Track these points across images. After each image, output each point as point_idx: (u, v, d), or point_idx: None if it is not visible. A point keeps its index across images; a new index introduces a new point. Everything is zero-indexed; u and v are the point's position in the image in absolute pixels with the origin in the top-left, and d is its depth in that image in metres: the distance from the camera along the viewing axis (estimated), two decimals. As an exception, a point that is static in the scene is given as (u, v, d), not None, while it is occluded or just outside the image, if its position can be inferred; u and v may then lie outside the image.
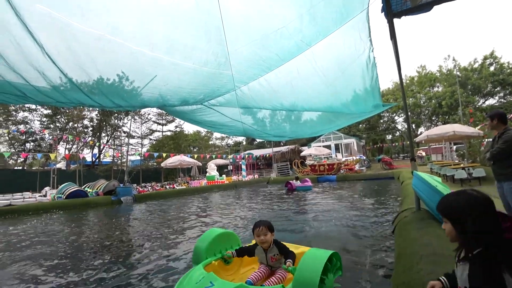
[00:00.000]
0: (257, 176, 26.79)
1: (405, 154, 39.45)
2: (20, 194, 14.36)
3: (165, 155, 22.55)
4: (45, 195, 14.39)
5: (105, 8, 2.35)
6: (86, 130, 31.30)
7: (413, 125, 37.91)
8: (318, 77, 4.19)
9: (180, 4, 2.54)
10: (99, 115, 30.31)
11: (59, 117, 28.66)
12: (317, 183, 18.20)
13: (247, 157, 28.34)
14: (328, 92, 4.51)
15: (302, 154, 29.09)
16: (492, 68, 33.15)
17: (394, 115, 40.89)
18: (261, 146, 44.72)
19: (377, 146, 38.42)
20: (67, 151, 28.76)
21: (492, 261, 1.07)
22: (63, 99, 3.00)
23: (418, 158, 23.24)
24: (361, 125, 40.32)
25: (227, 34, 2.95)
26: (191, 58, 3.15)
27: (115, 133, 33.32)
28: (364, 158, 26.74)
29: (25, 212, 11.01)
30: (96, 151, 32.07)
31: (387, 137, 43.24)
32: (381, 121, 42.01)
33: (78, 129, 29.69)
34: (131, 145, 31.89)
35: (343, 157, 27.81)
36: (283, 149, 31.56)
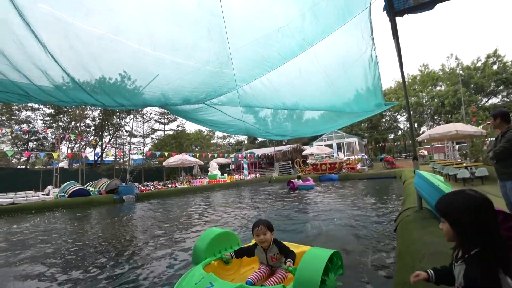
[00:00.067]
0: (259, 175, 26.79)
1: (407, 153, 39.28)
2: (23, 192, 14.46)
3: (167, 154, 22.58)
4: (48, 194, 14.46)
5: (107, 7, 2.35)
6: (88, 129, 31.42)
7: (415, 124, 37.73)
8: (320, 76, 4.18)
9: (182, 3, 2.55)
10: (101, 115, 30.43)
11: (61, 116, 28.81)
12: (319, 182, 18.18)
13: (249, 156, 28.36)
14: (330, 91, 4.50)
15: (304, 153, 29.08)
16: (495, 66, 32.88)
17: (396, 114, 40.74)
18: (263, 145, 44.72)
19: (379, 145, 38.31)
20: (69, 150, 28.91)
21: (489, 262, 1.06)
22: (65, 98, 3.01)
23: (420, 157, 23.15)
24: (363, 124, 40.19)
25: (229, 33, 2.95)
26: (193, 57, 3.15)
27: (117, 132, 33.45)
28: (366, 157, 26.66)
29: (28, 210, 11.09)
30: (98, 150, 32.25)
31: (389, 136, 43.07)
32: (383, 120, 41.85)
33: (80, 128, 29.79)
34: (133, 144, 31.99)
35: (345, 156, 27.73)
36: (285, 148, 31.57)
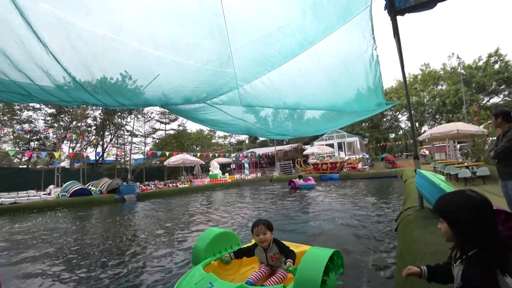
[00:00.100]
0: (259, 174, 26.80)
1: (408, 152, 39.18)
2: (25, 192, 14.50)
3: (168, 153, 22.62)
4: (49, 194, 14.50)
5: (107, 7, 2.36)
6: (89, 129, 31.51)
7: (417, 124, 37.63)
8: (321, 75, 4.18)
9: (182, 3, 2.55)
10: (102, 114, 30.50)
11: (63, 116, 28.88)
12: (320, 181, 18.17)
13: (249, 155, 28.37)
14: (331, 90, 4.49)
15: (305, 152, 29.06)
16: (497, 66, 32.71)
17: (397, 113, 40.63)
18: (264, 144, 44.70)
19: (380, 144, 38.25)
20: (71, 150, 29.00)
21: (487, 263, 1.06)
22: (67, 98, 3.02)
23: (421, 156, 23.11)
24: (364, 124, 40.10)
25: (229, 32, 2.95)
26: (194, 56, 3.15)
27: (118, 132, 33.52)
28: (367, 156, 26.62)
29: (30, 210, 11.14)
30: (99, 149, 32.33)
31: (390, 135, 42.99)
32: (384, 119, 41.75)
33: (81, 128, 29.86)
34: (134, 143, 32.11)
35: (346, 155, 27.71)
36: (286, 147, 31.58)
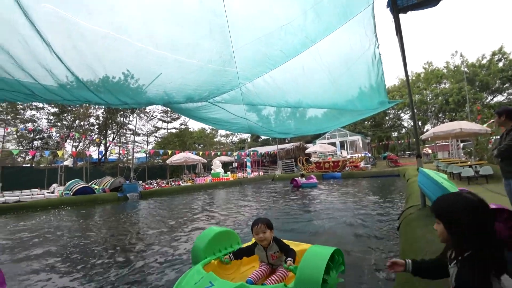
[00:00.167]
0: (262, 173, 26.83)
1: (411, 151, 39.01)
2: (28, 191, 14.64)
3: (170, 152, 22.67)
4: (53, 192, 14.61)
5: (109, 6, 2.37)
6: (92, 128, 31.65)
7: (419, 122, 37.47)
8: (323, 73, 4.17)
9: (183, 2, 2.55)
10: (105, 113, 30.60)
11: (65, 115, 29.02)
12: (322, 180, 18.16)
13: (252, 154, 28.38)
14: (333, 88, 4.48)
15: (307, 151, 29.02)
16: (500, 64, 32.45)
17: (400, 112, 40.47)
18: (266, 143, 44.70)
19: (383, 143, 38.11)
20: (74, 149, 29.17)
21: (482, 264, 1.06)
22: (70, 96, 3.04)
23: (424, 155, 23.04)
24: (366, 122, 40.00)
25: (231, 31, 2.95)
26: (196, 56, 3.15)
27: (121, 131, 33.64)
28: (369, 155, 26.57)
29: (33, 208, 11.23)
30: (102, 148, 32.45)
31: (392, 134, 42.86)
32: (387, 118, 41.62)
33: (84, 127, 30.01)
34: (137, 142, 32.23)
35: (348, 154, 27.66)
36: (288, 146, 31.56)
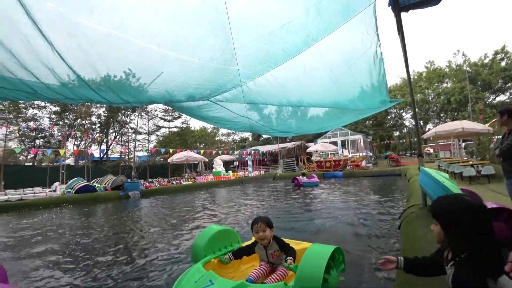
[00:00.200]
0: (263, 172, 26.83)
1: (412, 151, 38.89)
2: (31, 189, 14.69)
3: (171, 151, 22.69)
4: (55, 190, 14.66)
5: (111, 5, 2.37)
6: (94, 126, 31.67)
7: (421, 122, 37.35)
8: (324, 72, 4.16)
9: (186, 0, 2.55)
10: (106, 112, 30.64)
11: (67, 114, 29.06)
12: (323, 179, 18.14)
13: (253, 153, 28.38)
14: (334, 87, 4.48)
15: (308, 150, 28.99)
16: (503, 63, 32.27)
17: (401, 111, 40.35)
18: (267, 142, 44.69)
19: (384, 142, 37.99)
20: (75, 147, 29.22)
21: (481, 265, 1.07)
22: (71, 95, 3.05)
23: (426, 155, 22.95)
24: (368, 122, 39.93)
25: (233, 29, 2.95)
26: (198, 54, 3.15)
27: (122, 130, 33.71)
28: (370, 154, 26.52)
29: (36, 206, 11.28)
30: (104, 147, 32.58)
31: (394, 133, 42.75)
32: (389, 117, 41.52)
33: (86, 125, 30.06)
34: (138, 141, 32.27)
35: (349, 153, 27.61)
36: (289, 145, 31.53)
